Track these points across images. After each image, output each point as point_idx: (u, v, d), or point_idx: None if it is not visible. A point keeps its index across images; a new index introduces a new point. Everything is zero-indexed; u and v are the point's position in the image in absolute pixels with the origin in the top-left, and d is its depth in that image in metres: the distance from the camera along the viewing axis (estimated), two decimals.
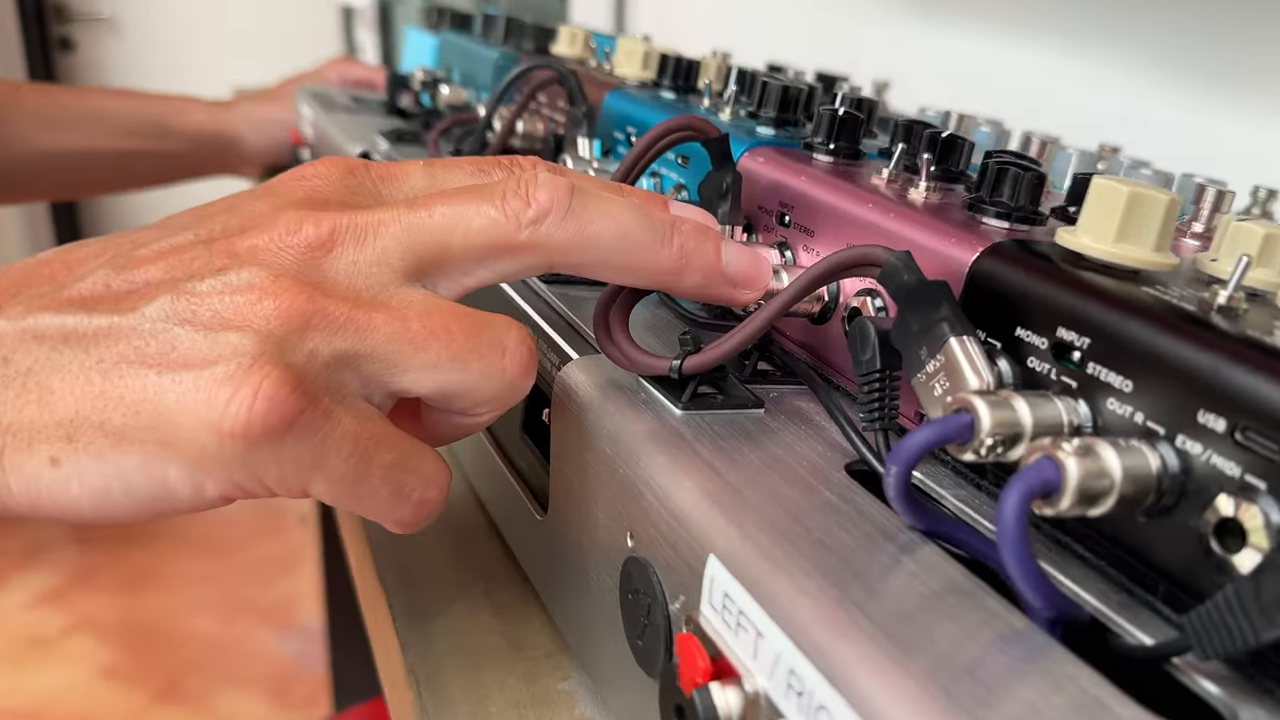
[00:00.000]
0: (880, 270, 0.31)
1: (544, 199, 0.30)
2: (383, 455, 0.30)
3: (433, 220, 0.30)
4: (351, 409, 0.29)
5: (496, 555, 0.42)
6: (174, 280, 0.29)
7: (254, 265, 0.29)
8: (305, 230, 0.30)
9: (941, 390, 0.29)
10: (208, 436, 0.26)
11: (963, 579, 0.25)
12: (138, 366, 0.27)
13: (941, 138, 0.38)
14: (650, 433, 0.31)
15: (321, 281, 0.29)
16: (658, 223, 0.32)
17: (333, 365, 0.28)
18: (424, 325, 0.29)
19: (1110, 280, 0.28)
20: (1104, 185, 0.29)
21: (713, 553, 0.26)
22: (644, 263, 0.32)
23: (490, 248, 0.31)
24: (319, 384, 0.28)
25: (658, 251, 0.32)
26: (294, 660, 2.05)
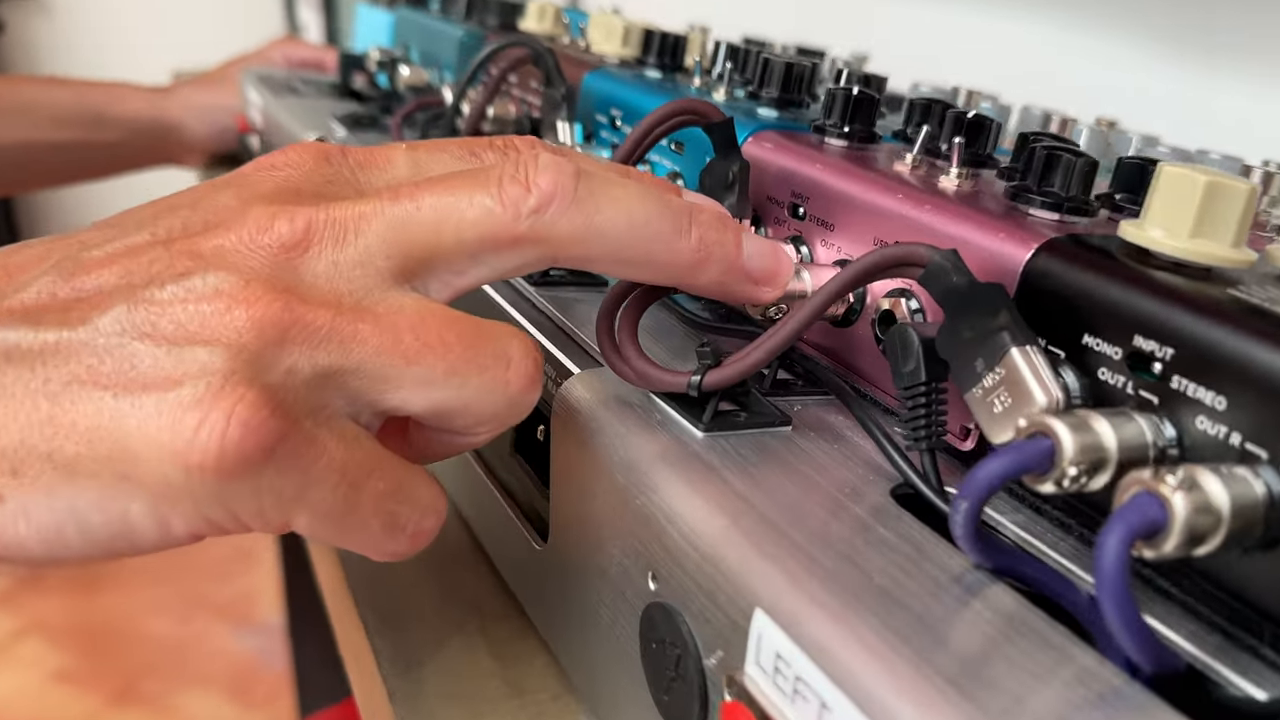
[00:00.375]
0: (924, 271, 0.28)
1: (546, 184, 0.27)
2: (374, 484, 0.26)
3: (421, 213, 0.27)
4: (337, 432, 0.25)
5: (488, 585, 0.38)
6: (130, 287, 0.25)
7: (221, 269, 0.25)
8: (277, 227, 0.26)
9: (1002, 407, 0.26)
10: (174, 468, 0.23)
11: (1048, 629, 0.22)
12: (91, 388, 0.23)
13: (968, 119, 0.35)
14: (670, 459, 0.27)
15: (298, 286, 0.25)
16: (675, 210, 0.28)
17: (314, 383, 0.25)
18: (417, 336, 0.26)
19: (1193, 282, 0.25)
20: (1176, 174, 0.26)
21: (759, 605, 0.23)
22: (659, 256, 0.28)
23: (486, 242, 0.27)
24: (300, 405, 0.25)
25: (674, 243, 0.28)
26: (254, 657, 2.00)
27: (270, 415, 0.23)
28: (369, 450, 0.26)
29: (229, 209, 0.27)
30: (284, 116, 0.72)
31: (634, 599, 0.28)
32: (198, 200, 0.28)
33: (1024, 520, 0.28)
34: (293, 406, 0.24)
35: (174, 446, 0.23)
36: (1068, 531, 0.27)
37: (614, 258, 0.28)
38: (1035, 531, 0.27)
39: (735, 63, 0.44)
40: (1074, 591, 0.25)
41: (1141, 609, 0.24)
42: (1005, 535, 0.27)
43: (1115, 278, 0.25)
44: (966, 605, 0.23)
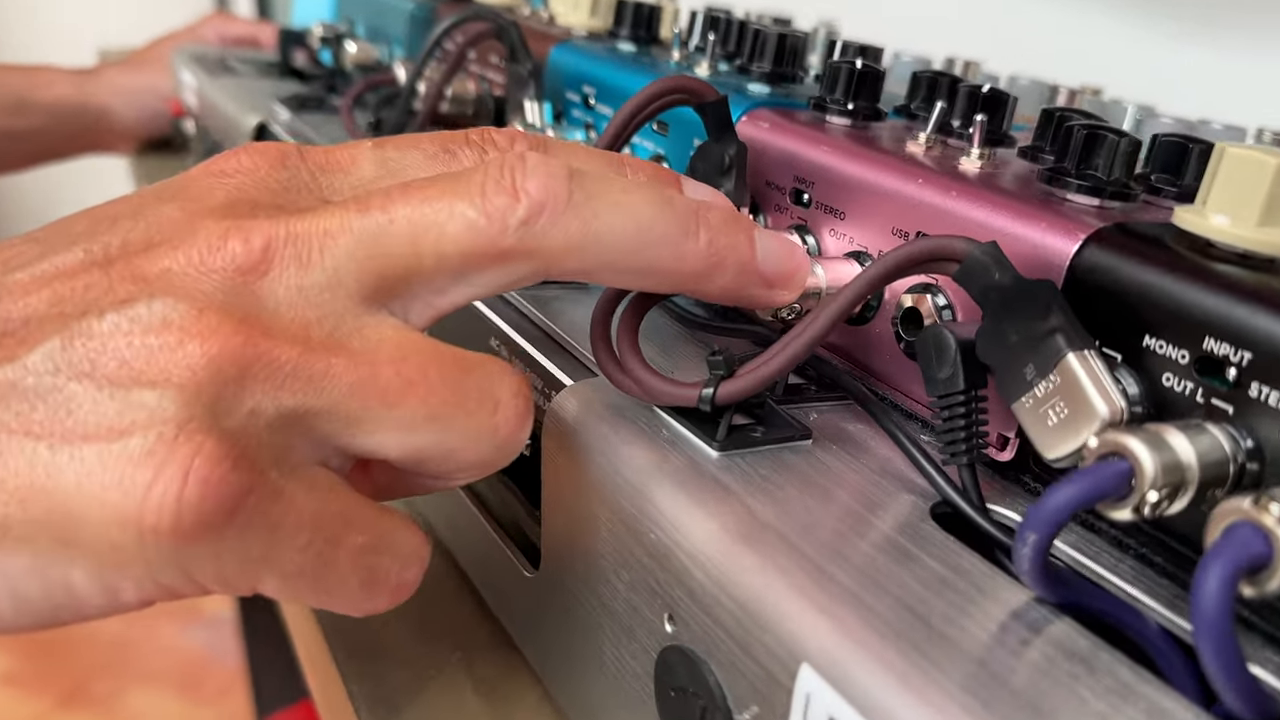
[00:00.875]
0: (960, 266, 0.25)
1: (536, 191, 0.23)
2: (351, 538, 0.23)
3: (394, 226, 0.23)
4: (306, 481, 0.22)
5: (471, 615, 0.35)
6: (63, 317, 0.21)
7: (169, 295, 0.21)
8: (231, 247, 0.22)
9: (1058, 419, 0.23)
10: (123, 533, 0.20)
11: (1132, 676, 0.20)
12: (20, 438, 0.20)
13: (983, 93, 0.32)
14: (686, 485, 0.24)
15: (259, 315, 0.22)
16: (680, 212, 0.25)
17: (279, 427, 0.22)
18: (397, 372, 0.23)
19: (1267, 276, 0.23)
20: (1242, 156, 0.23)
21: (806, 660, 0.20)
22: (665, 264, 0.25)
23: (471, 259, 0.24)
24: (264, 453, 0.21)
25: (682, 248, 0.25)
26: (204, 653, 1.95)
27: (232, 468, 0.20)
28: (343, 500, 0.23)
29: (175, 223, 0.23)
30: (221, 98, 0.67)
31: (646, 640, 0.25)
32: (139, 211, 0.24)
33: (1076, 540, 0.25)
34: (256, 455, 0.21)
35: (123, 508, 0.20)
36: (1125, 551, 0.25)
37: (615, 268, 0.25)
38: (1090, 553, 0.25)
39: (718, 34, 0.41)
40: (1142, 621, 0.23)
41: None
42: (1059, 558, 0.24)
43: (1179, 273, 0.23)
44: (1038, 651, 0.20)
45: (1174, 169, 0.29)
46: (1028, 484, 0.27)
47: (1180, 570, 0.24)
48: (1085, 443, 0.22)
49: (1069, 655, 0.20)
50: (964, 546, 0.23)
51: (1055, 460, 0.23)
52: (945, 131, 0.33)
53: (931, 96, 0.34)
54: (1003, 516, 0.26)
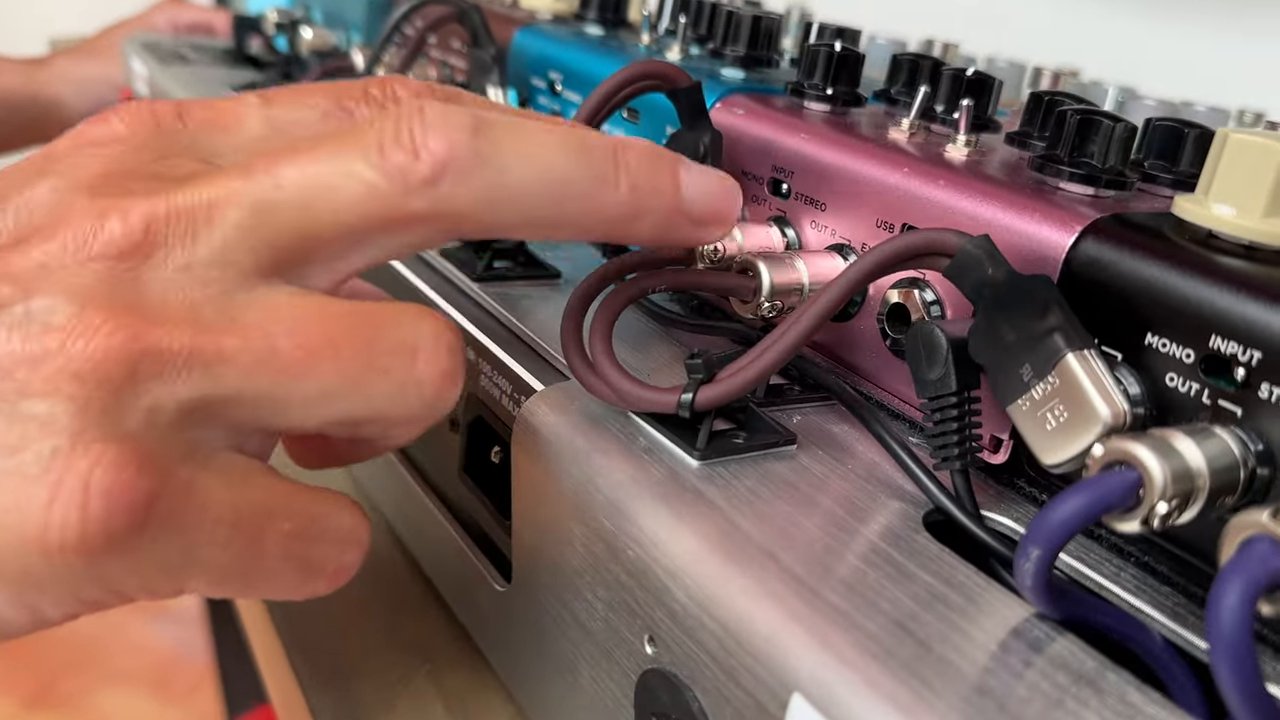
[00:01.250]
0: (952, 261, 0.24)
1: (438, 146, 0.21)
2: (277, 527, 0.22)
3: (284, 192, 0.21)
4: (220, 473, 0.21)
5: (437, 625, 0.33)
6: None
7: (46, 293, 0.20)
8: (109, 229, 0.20)
9: (1057, 423, 0.22)
10: (30, 554, 0.19)
11: (1141, 699, 0.18)
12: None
13: (968, 78, 0.31)
14: (664, 497, 0.23)
15: (143, 303, 0.20)
16: (596, 156, 0.23)
17: (182, 421, 0.20)
18: (297, 343, 0.21)
19: (1273, 269, 0.21)
20: (1247, 143, 0.22)
21: (798, 689, 0.19)
22: (583, 215, 0.23)
23: (372, 222, 0.21)
24: (169, 451, 0.20)
25: (600, 197, 0.23)
26: (173, 650, 1.93)
27: (136, 473, 0.19)
28: (263, 488, 0.22)
29: (44, 206, 0.21)
30: (173, 87, 0.65)
31: (625, 661, 0.24)
32: (4, 195, 0.22)
33: (1075, 548, 0.24)
34: (161, 455, 0.19)
35: (25, 530, 0.18)
36: (1126, 559, 0.24)
37: (529, 224, 0.23)
38: (1091, 561, 0.23)
39: (689, 16, 0.39)
40: (1147, 636, 0.21)
41: None
42: (1059, 570, 0.23)
43: (1184, 267, 0.22)
44: (1042, 674, 0.19)
45: (1169, 155, 0.28)
46: (1022, 488, 0.26)
47: (1184, 578, 0.23)
48: (1086, 448, 0.21)
49: (1075, 678, 0.19)
50: (959, 558, 0.22)
51: (1055, 466, 0.22)
52: (928, 117, 0.31)
53: (913, 81, 0.33)
54: (998, 524, 0.25)
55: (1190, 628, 0.22)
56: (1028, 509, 0.25)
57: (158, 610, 2.02)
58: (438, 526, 0.33)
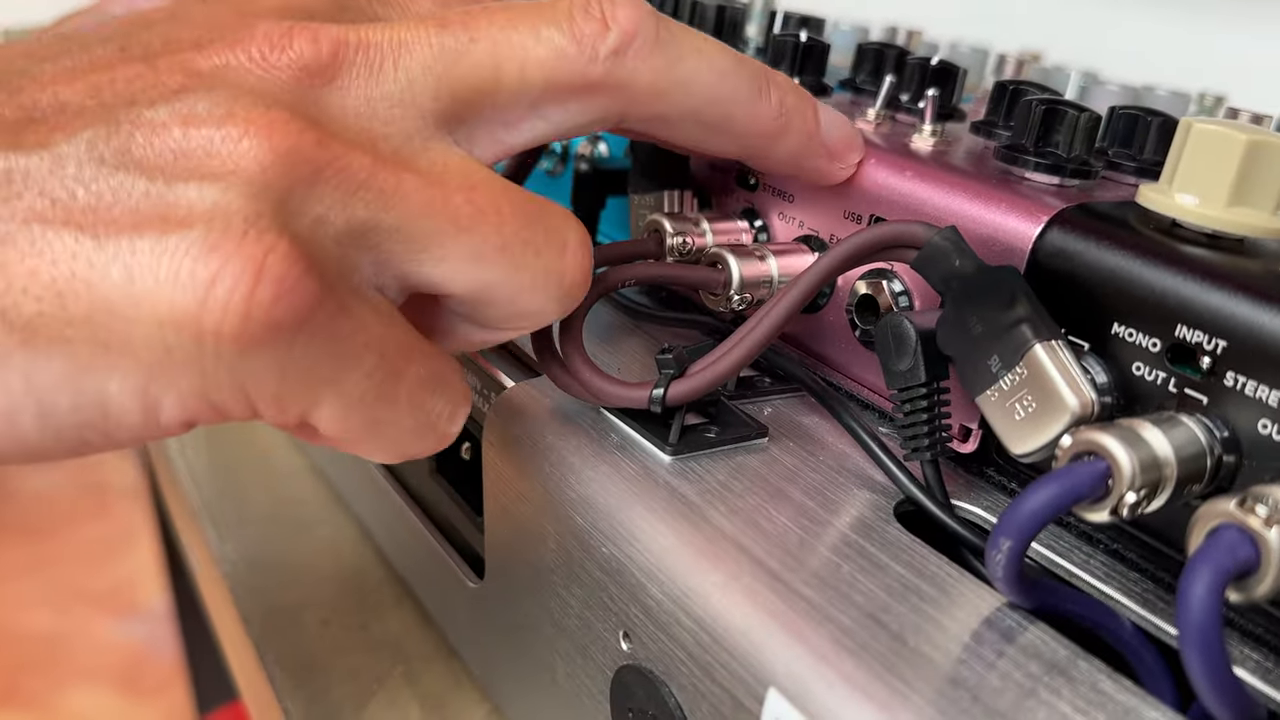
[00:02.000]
0: (919, 253, 0.24)
1: (626, 21, 0.22)
2: (413, 369, 0.21)
3: (477, 45, 0.21)
4: (370, 303, 0.20)
5: (409, 621, 0.33)
6: (104, 106, 0.19)
7: (228, 88, 0.19)
8: (298, 45, 0.20)
9: (1025, 414, 0.22)
10: (178, 334, 0.17)
11: (1112, 687, 0.19)
12: (59, 227, 0.17)
13: (932, 67, 0.31)
14: (640, 495, 0.23)
15: (326, 122, 0.20)
16: (753, 68, 0.25)
17: (346, 240, 0.19)
18: (468, 199, 0.21)
19: (1238, 258, 0.22)
20: (1210, 132, 0.22)
21: (773, 684, 0.19)
22: (739, 119, 0.25)
23: (553, 87, 0.22)
24: (330, 266, 0.19)
25: (756, 106, 0.25)
26: (141, 646, 1.91)
27: (305, 273, 0.18)
28: (403, 328, 0.21)
29: (226, 23, 0.21)
30: None
31: (600, 657, 0.24)
32: (179, 14, 0.21)
33: (1045, 536, 0.24)
34: (324, 266, 0.19)
35: (181, 306, 0.17)
36: (1095, 546, 0.24)
37: (693, 117, 0.24)
38: (1061, 550, 0.24)
39: (654, 6, 0.39)
40: (1117, 623, 0.22)
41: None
42: (1030, 558, 0.24)
43: (1148, 256, 0.22)
44: (1014, 664, 0.19)
45: (1132, 143, 0.28)
46: (992, 477, 0.26)
47: (1153, 564, 0.23)
48: (1055, 438, 0.21)
49: (1047, 666, 0.19)
50: (930, 549, 0.22)
51: (1024, 456, 0.22)
52: (894, 106, 0.31)
53: (878, 70, 0.33)
54: (968, 513, 0.25)
55: (1160, 614, 0.22)
56: (998, 498, 0.25)
57: (122, 608, 2.00)
58: (409, 524, 0.33)
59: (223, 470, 0.43)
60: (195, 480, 0.43)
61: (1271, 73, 0.65)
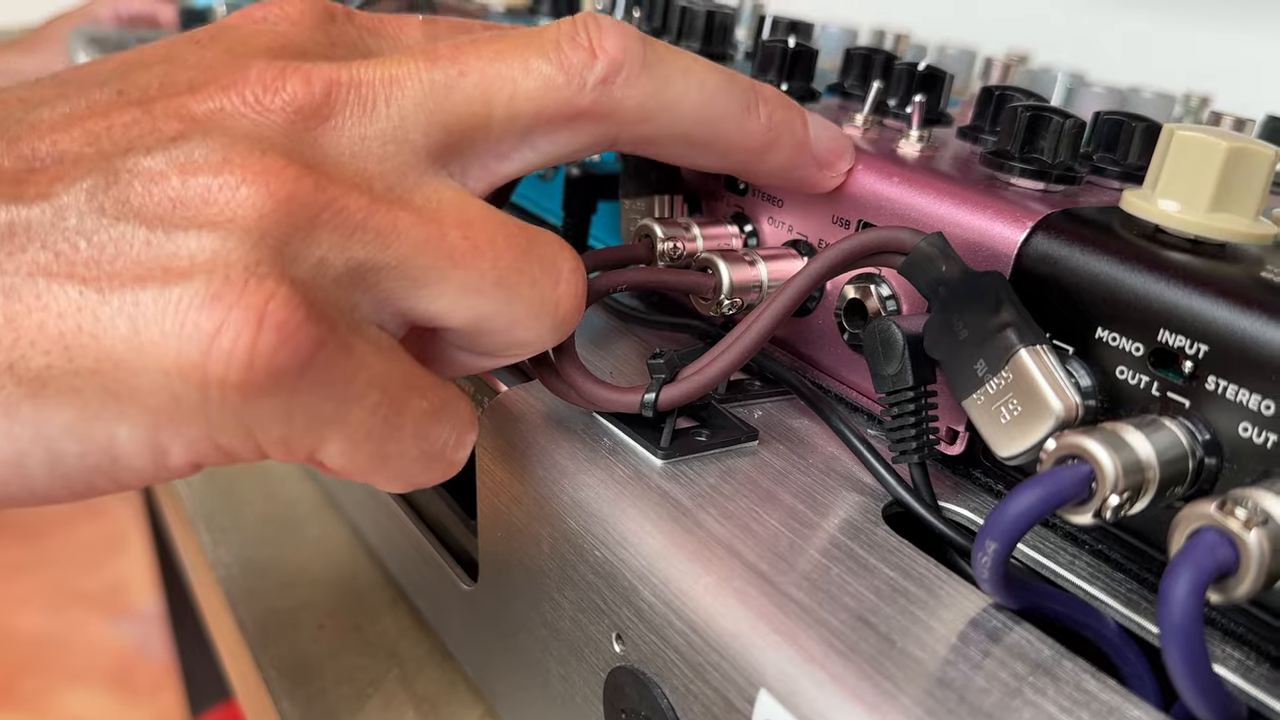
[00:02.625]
0: (906, 259, 0.24)
1: (614, 49, 0.23)
2: (416, 402, 0.21)
3: (466, 79, 0.22)
4: (372, 342, 0.20)
5: (404, 624, 0.34)
6: (102, 155, 0.19)
7: (223, 134, 0.19)
8: (290, 88, 0.20)
9: (1011, 417, 0.22)
10: (184, 384, 0.18)
11: (1096, 686, 0.19)
12: (63, 281, 0.18)
13: (920, 72, 0.31)
14: (631, 497, 0.23)
15: (324, 162, 0.20)
16: (742, 86, 0.25)
17: (345, 281, 0.20)
18: (464, 235, 0.21)
19: (1220, 264, 0.22)
20: (1191, 139, 0.22)
21: (764, 686, 0.19)
22: (729, 136, 0.25)
23: (543, 117, 0.22)
24: (331, 307, 0.20)
25: (744, 123, 0.25)
26: (134, 648, 1.91)
27: (307, 318, 0.18)
28: (406, 363, 0.21)
29: (220, 65, 0.21)
30: None
31: (594, 659, 0.24)
32: (174, 55, 0.22)
33: (1031, 537, 0.24)
34: (325, 309, 0.19)
35: (186, 357, 0.18)
36: (1080, 546, 0.24)
37: (682, 138, 0.24)
38: (1046, 550, 0.24)
39: (643, 10, 0.39)
40: (1101, 622, 0.22)
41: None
42: (1016, 559, 0.24)
43: (1131, 261, 0.22)
44: (1000, 663, 0.19)
45: (1116, 147, 0.28)
46: (978, 478, 0.26)
47: (1137, 564, 0.23)
48: (1040, 441, 0.22)
49: (1032, 666, 0.19)
50: (917, 550, 0.23)
51: (1010, 459, 0.22)
52: (881, 111, 0.32)
53: (866, 75, 0.33)
54: (955, 514, 0.25)
55: (1143, 613, 0.22)
56: (984, 499, 0.26)
57: (116, 609, 1.99)
58: (403, 528, 0.33)
59: (217, 473, 0.43)
60: (189, 483, 0.43)
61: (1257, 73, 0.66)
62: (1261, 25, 0.70)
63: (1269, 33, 0.69)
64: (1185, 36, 0.71)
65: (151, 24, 0.89)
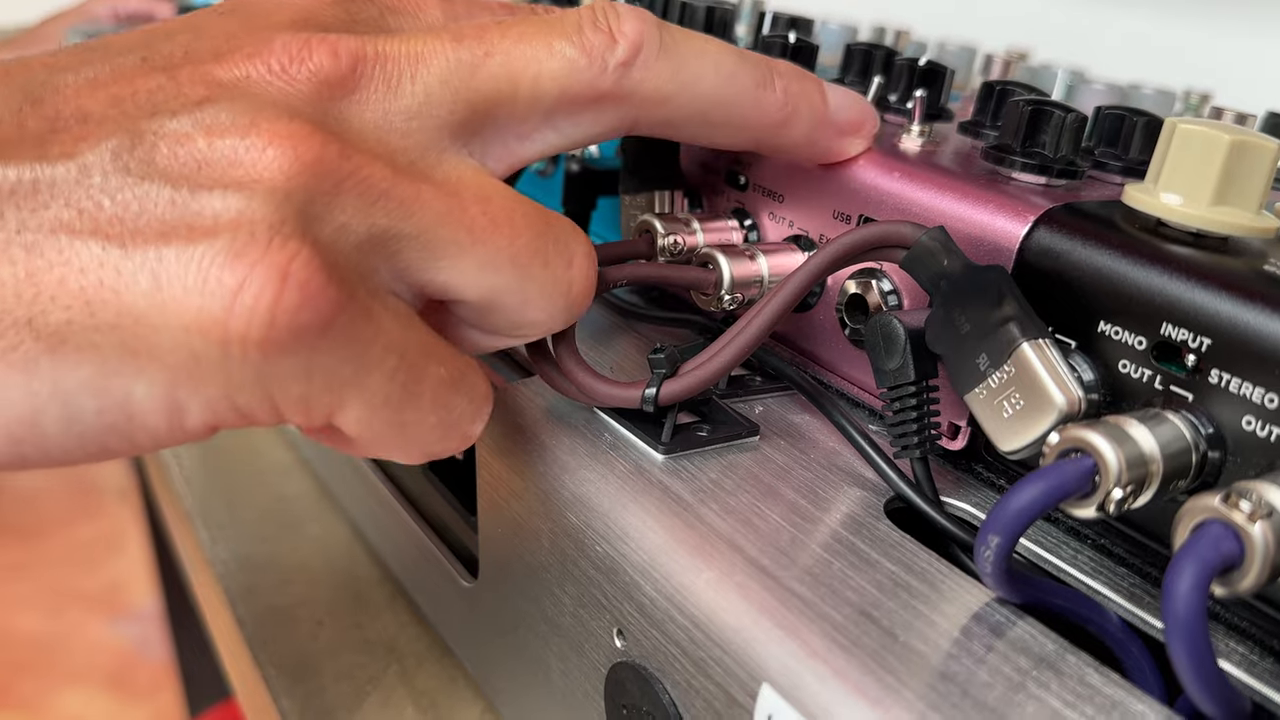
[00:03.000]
0: (908, 253, 0.24)
1: (632, 32, 0.23)
2: (434, 369, 0.21)
3: (492, 59, 0.22)
4: (390, 308, 0.21)
5: (403, 620, 0.33)
6: (126, 116, 0.19)
7: (248, 97, 0.20)
8: (316, 58, 0.21)
9: (1014, 411, 0.22)
10: (204, 341, 0.18)
11: (1100, 680, 0.19)
12: (86, 237, 0.18)
13: (921, 68, 0.31)
14: (632, 492, 0.23)
15: (347, 134, 0.20)
16: (756, 61, 0.25)
17: (366, 248, 0.20)
18: (483, 210, 0.21)
19: (1222, 257, 0.22)
20: (1194, 133, 0.22)
21: (766, 680, 0.19)
22: (746, 113, 0.25)
23: (566, 98, 0.23)
24: (352, 271, 0.20)
25: (762, 98, 0.25)
26: (133, 648, 1.90)
27: (329, 279, 0.18)
28: (422, 331, 0.21)
29: (244, 34, 0.21)
30: None
31: (595, 655, 0.24)
32: (197, 26, 0.22)
33: (1033, 531, 0.24)
34: (346, 272, 0.19)
35: (208, 313, 0.18)
36: (1083, 541, 0.24)
37: (700, 118, 0.25)
38: (1049, 545, 0.24)
39: (643, 6, 0.39)
40: (1104, 617, 0.22)
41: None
42: (1018, 554, 0.24)
43: (1134, 255, 0.22)
44: (1004, 658, 0.19)
45: (1118, 142, 0.28)
46: (980, 473, 0.26)
47: (1140, 559, 0.23)
48: (1042, 435, 0.21)
49: (1036, 661, 0.19)
50: (920, 545, 0.23)
51: (1012, 453, 0.22)
52: (882, 106, 0.32)
53: (867, 70, 0.33)
54: (957, 509, 0.25)
55: (1146, 608, 0.22)
56: (986, 494, 0.26)
57: (114, 609, 1.99)
58: (403, 524, 0.33)
59: (215, 470, 0.43)
60: (187, 480, 0.43)
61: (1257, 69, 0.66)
62: (1261, 24, 0.70)
63: (1268, 31, 0.69)
64: (1184, 35, 0.71)
65: (149, 22, 0.88)
